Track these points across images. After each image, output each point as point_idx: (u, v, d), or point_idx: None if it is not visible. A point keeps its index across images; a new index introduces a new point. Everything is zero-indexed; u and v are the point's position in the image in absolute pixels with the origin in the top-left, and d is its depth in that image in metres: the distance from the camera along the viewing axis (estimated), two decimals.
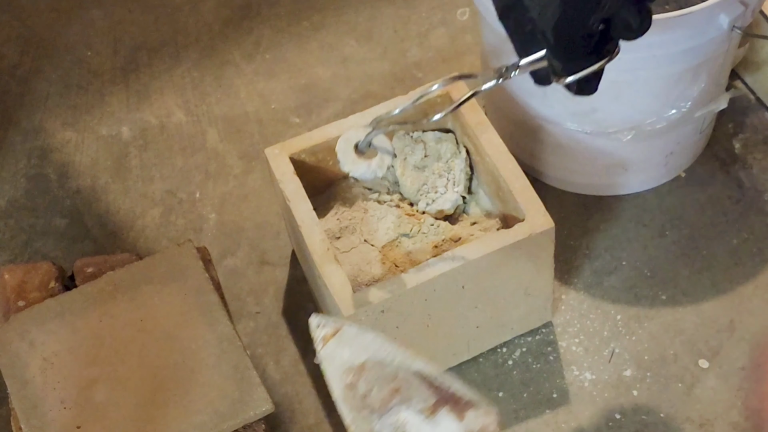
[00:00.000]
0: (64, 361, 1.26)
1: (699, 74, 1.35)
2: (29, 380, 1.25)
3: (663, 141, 1.46)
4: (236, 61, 1.80)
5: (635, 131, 1.39)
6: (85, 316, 1.29)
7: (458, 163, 1.40)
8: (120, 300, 1.30)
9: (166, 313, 1.29)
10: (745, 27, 1.32)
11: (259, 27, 1.85)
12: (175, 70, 1.80)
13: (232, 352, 1.25)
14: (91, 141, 1.72)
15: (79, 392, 1.23)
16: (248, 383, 1.23)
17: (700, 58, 1.32)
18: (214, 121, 1.73)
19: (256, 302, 1.52)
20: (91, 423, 1.21)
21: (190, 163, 1.68)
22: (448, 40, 1.79)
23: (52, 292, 1.34)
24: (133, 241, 1.59)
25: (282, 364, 1.46)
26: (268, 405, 1.22)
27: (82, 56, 1.83)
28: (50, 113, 1.76)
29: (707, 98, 1.41)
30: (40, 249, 1.60)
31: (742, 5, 1.28)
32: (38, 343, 1.27)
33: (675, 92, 1.36)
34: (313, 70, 1.78)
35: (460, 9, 1.83)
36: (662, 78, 1.33)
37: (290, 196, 1.33)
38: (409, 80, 1.73)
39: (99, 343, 1.27)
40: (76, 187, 1.67)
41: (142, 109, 1.75)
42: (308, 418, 1.41)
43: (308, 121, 1.71)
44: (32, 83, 1.81)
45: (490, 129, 1.36)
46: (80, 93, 1.79)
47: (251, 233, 1.59)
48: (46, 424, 1.21)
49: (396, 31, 1.82)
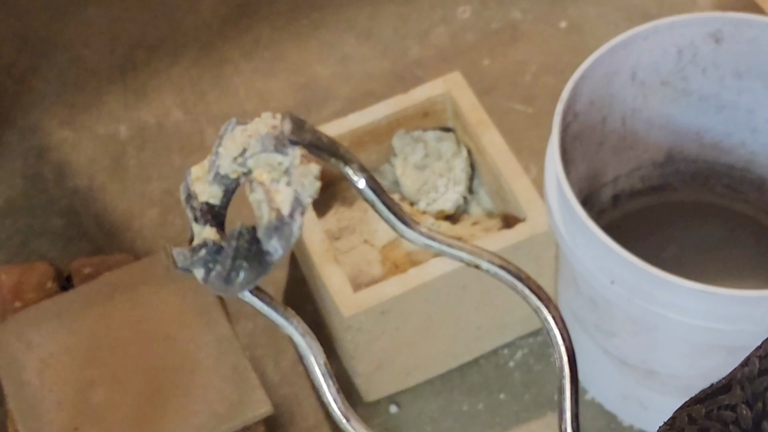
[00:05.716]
0: (62, 363, 1.25)
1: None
2: (26, 382, 1.24)
3: None
4: (235, 59, 1.80)
5: None
6: (82, 317, 1.28)
7: (459, 163, 1.40)
8: (117, 301, 1.29)
9: (164, 314, 1.28)
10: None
11: (257, 25, 1.84)
12: (173, 69, 1.79)
13: (231, 354, 1.25)
14: (88, 140, 1.71)
15: (76, 394, 1.23)
16: (247, 385, 1.23)
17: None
18: (213, 120, 1.72)
19: None
20: (88, 425, 1.21)
21: (188, 163, 1.67)
22: (449, 38, 1.78)
23: (49, 292, 1.34)
24: (130, 241, 1.59)
25: (281, 366, 1.45)
26: (266, 407, 1.22)
27: (79, 55, 1.82)
28: (47, 112, 1.75)
29: None
30: (37, 249, 1.59)
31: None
32: (35, 345, 1.27)
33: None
34: (313, 68, 1.77)
35: (460, 7, 1.82)
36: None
37: None
38: (410, 79, 1.72)
39: (96, 345, 1.26)
40: (73, 187, 1.66)
41: (139, 108, 1.75)
42: (307, 420, 1.41)
43: (308, 120, 1.70)
44: (29, 82, 1.80)
45: (491, 128, 1.36)
46: (77, 92, 1.78)
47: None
48: (43, 425, 1.21)
49: (396, 29, 1.81)
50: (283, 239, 0.49)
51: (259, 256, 0.49)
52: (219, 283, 0.49)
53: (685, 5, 1.74)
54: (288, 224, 0.49)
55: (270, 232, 0.49)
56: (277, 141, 0.50)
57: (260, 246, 0.49)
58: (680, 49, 1.32)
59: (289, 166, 0.50)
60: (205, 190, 0.52)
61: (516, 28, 1.77)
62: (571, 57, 1.69)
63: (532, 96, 1.69)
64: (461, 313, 1.33)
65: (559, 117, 1.21)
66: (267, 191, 0.50)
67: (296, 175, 0.50)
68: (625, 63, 1.30)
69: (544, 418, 1.38)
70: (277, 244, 0.49)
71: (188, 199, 0.52)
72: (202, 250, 0.50)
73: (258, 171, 0.50)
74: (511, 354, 1.43)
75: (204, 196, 0.52)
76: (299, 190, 0.49)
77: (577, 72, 1.24)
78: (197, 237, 0.52)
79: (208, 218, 0.52)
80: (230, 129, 0.51)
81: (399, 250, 1.35)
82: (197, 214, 0.52)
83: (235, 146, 0.50)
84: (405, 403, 1.41)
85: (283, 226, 0.49)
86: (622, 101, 1.36)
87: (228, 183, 0.52)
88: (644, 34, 1.29)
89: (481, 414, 1.40)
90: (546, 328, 0.52)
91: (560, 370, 0.52)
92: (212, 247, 0.50)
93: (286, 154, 0.50)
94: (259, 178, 0.50)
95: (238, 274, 0.49)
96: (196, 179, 0.52)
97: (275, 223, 0.49)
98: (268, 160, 0.50)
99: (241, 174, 0.51)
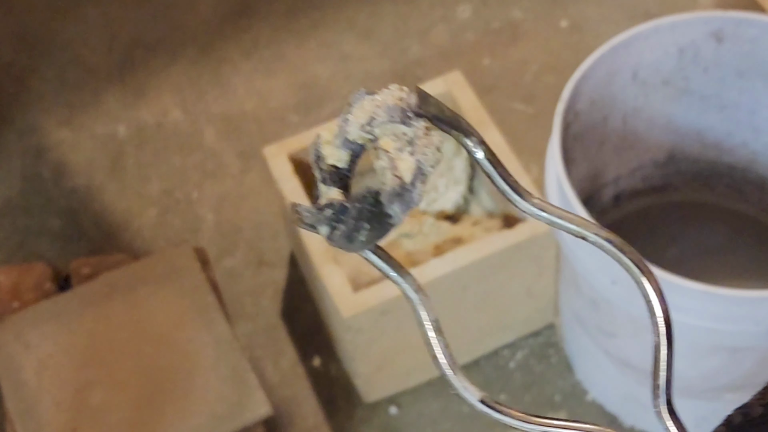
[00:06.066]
0: (60, 363, 1.25)
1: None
2: (24, 382, 1.24)
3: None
4: (234, 58, 1.79)
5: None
6: (80, 317, 1.28)
7: (459, 163, 1.39)
8: (116, 301, 1.29)
9: (163, 315, 1.28)
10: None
11: (257, 24, 1.83)
12: (171, 68, 1.79)
13: (230, 354, 1.24)
14: (86, 140, 1.71)
15: (74, 394, 1.22)
16: (246, 386, 1.22)
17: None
18: (212, 120, 1.72)
19: (254, 303, 1.51)
20: (86, 426, 1.20)
21: (187, 163, 1.67)
22: (449, 37, 1.78)
23: (47, 293, 1.33)
24: (129, 241, 1.58)
25: (280, 367, 1.45)
26: (266, 408, 1.22)
27: (78, 54, 1.82)
28: (45, 112, 1.75)
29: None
30: (35, 249, 1.58)
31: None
32: (33, 345, 1.26)
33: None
34: (312, 67, 1.76)
35: (460, 6, 1.81)
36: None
37: (289, 195, 1.32)
38: (410, 78, 1.72)
39: (95, 345, 1.26)
40: (72, 187, 1.65)
41: (138, 108, 1.74)
42: (307, 421, 1.40)
43: (307, 120, 1.70)
44: (27, 81, 1.79)
45: (491, 128, 1.35)
46: (76, 91, 1.77)
47: (249, 233, 1.58)
48: (41, 426, 1.20)
49: (396, 28, 1.80)
50: (404, 204, 0.53)
51: (380, 218, 0.53)
52: (342, 240, 0.54)
53: (687, 4, 1.73)
54: (409, 191, 0.53)
55: (392, 197, 0.53)
56: (403, 113, 0.54)
57: (382, 209, 0.53)
58: (681, 49, 1.32)
59: (413, 137, 0.53)
60: (333, 153, 0.56)
61: (516, 28, 1.77)
62: (571, 56, 1.69)
63: (532, 95, 1.69)
64: (462, 313, 1.32)
65: (559, 116, 1.20)
66: (391, 159, 0.53)
67: (419, 146, 0.54)
68: (626, 62, 1.30)
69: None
70: (398, 209, 0.53)
71: (317, 160, 0.56)
72: (327, 209, 0.54)
73: (384, 140, 0.54)
74: (512, 354, 1.42)
75: (331, 159, 0.56)
76: (421, 160, 0.53)
77: (578, 71, 1.24)
78: (323, 197, 0.55)
79: (335, 180, 0.56)
80: (360, 98, 0.55)
81: (399, 250, 1.34)
82: (325, 175, 0.56)
83: (364, 115, 0.54)
84: (405, 404, 1.41)
85: (404, 193, 0.53)
86: (623, 101, 1.36)
87: (354, 148, 0.55)
88: (645, 34, 1.29)
89: (481, 415, 1.39)
90: (645, 300, 0.58)
91: (657, 344, 0.56)
92: (337, 207, 0.54)
93: (410, 126, 0.54)
94: (384, 146, 0.54)
95: (360, 233, 0.54)
96: (325, 143, 0.56)
97: (398, 189, 0.52)
98: (394, 130, 0.54)
99: (367, 141, 0.55)
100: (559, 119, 1.20)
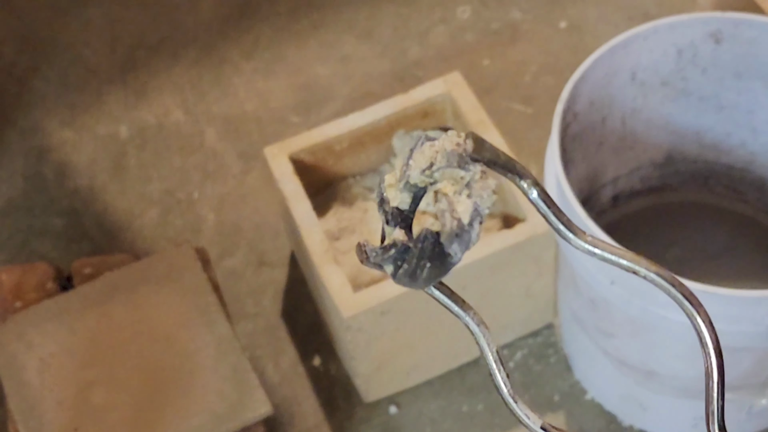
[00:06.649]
0: (62, 363, 1.25)
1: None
2: (26, 382, 1.24)
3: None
4: (235, 59, 1.79)
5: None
6: (82, 317, 1.28)
7: None
8: (118, 301, 1.29)
9: (164, 315, 1.28)
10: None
11: (258, 25, 1.84)
12: (173, 69, 1.79)
13: (231, 354, 1.25)
14: (88, 140, 1.71)
15: (76, 394, 1.23)
16: (247, 385, 1.22)
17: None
18: (213, 121, 1.72)
19: (255, 303, 1.51)
20: (88, 425, 1.21)
21: (188, 163, 1.67)
22: (449, 38, 1.78)
23: (50, 292, 1.34)
24: (131, 241, 1.58)
25: (281, 366, 1.45)
26: (266, 407, 1.22)
27: (80, 55, 1.82)
28: (47, 112, 1.75)
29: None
30: (38, 249, 1.59)
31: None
32: (35, 345, 1.26)
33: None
34: (313, 68, 1.77)
35: (460, 7, 1.82)
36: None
37: (289, 196, 1.32)
38: (410, 79, 1.72)
39: (96, 345, 1.26)
40: (74, 187, 1.66)
41: (140, 108, 1.74)
42: (307, 421, 1.40)
43: (308, 120, 1.70)
44: (29, 82, 1.80)
45: (491, 128, 1.35)
46: (78, 92, 1.78)
47: (250, 234, 1.58)
48: (43, 425, 1.21)
49: (396, 29, 1.81)
50: (463, 244, 0.55)
51: (441, 257, 0.56)
52: (406, 278, 0.56)
53: (685, 5, 1.73)
54: (467, 232, 0.55)
55: (452, 238, 0.55)
56: (460, 158, 0.56)
57: (443, 249, 0.56)
58: (680, 49, 1.32)
59: (470, 180, 0.56)
60: (396, 196, 0.59)
61: (516, 28, 1.77)
62: (570, 57, 1.69)
63: (531, 96, 1.69)
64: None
65: (558, 117, 1.21)
66: (450, 202, 0.56)
67: (476, 189, 0.56)
68: (624, 63, 1.30)
69: (544, 418, 1.37)
70: (458, 249, 0.55)
71: (381, 203, 0.59)
72: (392, 249, 0.57)
73: (443, 183, 0.57)
74: (511, 354, 1.43)
75: (395, 202, 0.59)
76: (478, 202, 0.56)
77: (577, 72, 1.24)
78: (388, 237, 0.59)
79: (398, 221, 0.59)
80: (420, 144, 0.58)
81: None
82: (389, 217, 0.59)
83: (424, 160, 0.57)
84: (405, 403, 1.41)
85: (463, 233, 0.55)
86: (622, 101, 1.36)
87: (416, 191, 0.59)
88: (644, 34, 1.29)
89: (480, 414, 1.40)
90: (696, 331, 0.62)
91: (709, 374, 0.61)
92: (401, 247, 0.57)
93: (468, 170, 0.56)
94: (444, 190, 0.57)
95: (422, 272, 0.57)
96: (389, 186, 0.59)
97: (456, 230, 0.55)
98: (452, 174, 0.57)
99: (428, 184, 0.58)
100: (558, 120, 1.21)
